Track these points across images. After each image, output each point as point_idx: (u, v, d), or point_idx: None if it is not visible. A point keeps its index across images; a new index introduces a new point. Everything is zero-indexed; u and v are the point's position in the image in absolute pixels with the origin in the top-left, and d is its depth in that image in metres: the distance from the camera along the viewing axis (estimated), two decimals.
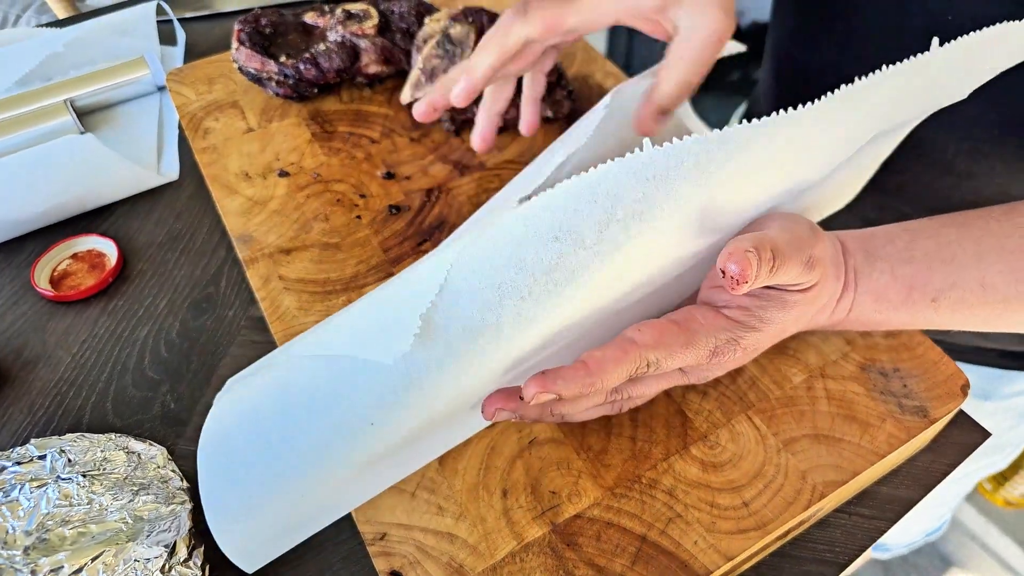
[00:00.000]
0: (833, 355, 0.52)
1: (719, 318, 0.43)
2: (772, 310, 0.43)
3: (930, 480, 0.52)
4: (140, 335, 0.61)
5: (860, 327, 0.49)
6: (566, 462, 0.47)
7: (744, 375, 0.51)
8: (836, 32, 0.63)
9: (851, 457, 0.47)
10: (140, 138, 0.76)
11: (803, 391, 0.50)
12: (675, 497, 0.46)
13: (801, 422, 0.49)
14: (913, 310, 0.47)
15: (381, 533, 0.45)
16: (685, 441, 0.48)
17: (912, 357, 0.52)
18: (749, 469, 0.47)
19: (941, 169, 0.60)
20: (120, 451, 0.48)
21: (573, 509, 0.45)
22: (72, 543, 0.43)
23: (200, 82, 0.75)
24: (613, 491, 0.46)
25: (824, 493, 0.46)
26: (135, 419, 0.56)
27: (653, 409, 0.49)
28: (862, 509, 0.50)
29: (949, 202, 0.52)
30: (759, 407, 0.49)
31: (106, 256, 0.66)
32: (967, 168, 0.59)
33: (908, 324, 0.49)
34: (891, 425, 0.49)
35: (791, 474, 0.46)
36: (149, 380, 0.58)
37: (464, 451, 0.48)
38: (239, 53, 0.67)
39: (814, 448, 0.48)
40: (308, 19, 0.70)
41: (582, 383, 0.39)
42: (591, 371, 0.39)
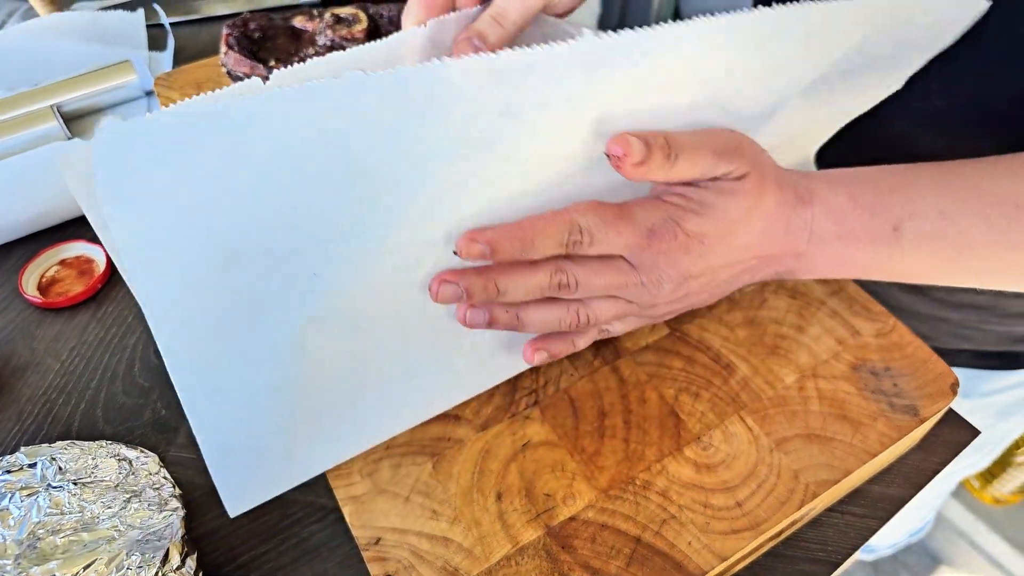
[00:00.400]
0: (824, 355, 0.52)
1: (657, 201, 0.44)
2: (710, 194, 0.43)
3: (921, 479, 0.52)
4: (130, 342, 0.61)
5: (827, 265, 0.48)
6: (560, 464, 0.47)
7: (736, 376, 0.51)
8: None
9: (843, 456, 0.47)
10: None
11: (795, 391, 0.50)
12: (669, 498, 0.46)
13: (793, 422, 0.49)
14: (876, 241, 0.47)
15: (376, 538, 0.44)
16: (678, 442, 0.48)
17: (903, 356, 0.52)
18: (742, 469, 0.47)
19: None
20: (111, 458, 0.48)
21: (568, 511, 0.45)
22: (64, 551, 0.43)
23: (188, 87, 0.74)
24: (607, 493, 0.46)
25: (817, 492, 0.46)
26: (126, 426, 0.56)
27: (646, 411, 0.49)
28: (854, 508, 0.51)
29: None
30: (751, 407, 0.50)
31: (95, 262, 0.66)
32: None
33: (875, 263, 0.48)
34: (882, 424, 0.49)
35: (784, 474, 0.47)
36: (139, 387, 0.58)
37: (458, 455, 0.48)
38: (228, 57, 0.67)
39: (806, 448, 0.48)
40: (297, 23, 0.70)
41: (513, 238, 0.40)
42: (523, 227, 0.41)
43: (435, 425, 0.49)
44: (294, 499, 0.51)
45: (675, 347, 0.53)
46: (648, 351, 0.52)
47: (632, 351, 0.52)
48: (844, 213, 0.47)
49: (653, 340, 0.53)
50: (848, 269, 0.49)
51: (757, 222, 0.45)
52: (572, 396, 0.50)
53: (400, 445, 0.48)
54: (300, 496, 0.52)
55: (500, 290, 0.43)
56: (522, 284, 0.43)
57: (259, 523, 0.51)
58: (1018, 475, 1.50)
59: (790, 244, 0.47)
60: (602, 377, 0.51)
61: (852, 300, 0.55)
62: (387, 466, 0.47)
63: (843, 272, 0.49)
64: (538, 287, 0.43)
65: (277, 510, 0.51)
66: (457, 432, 0.49)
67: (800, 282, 0.56)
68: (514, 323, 0.45)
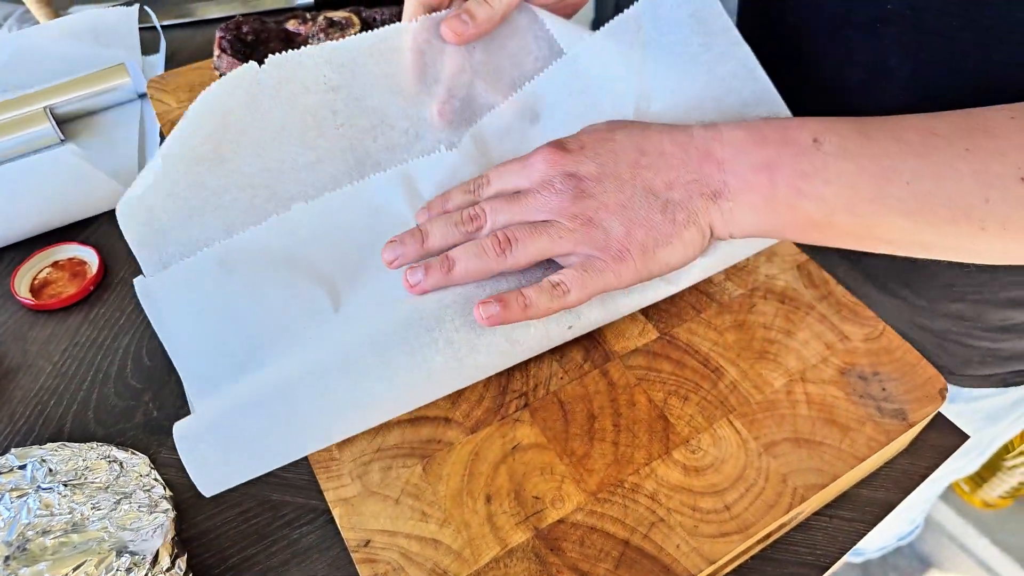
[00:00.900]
0: (813, 359, 0.52)
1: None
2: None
3: (909, 483, 0.53)
4: (122, 343, 0.61)
5: (752, 175, 0.47)
6: (549, 467, 0.48)
7: (725, 380, 0.51)
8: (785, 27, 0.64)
9: (831, 460, 0.48)
10: (121, 146, 0.75)
11: (783, 395, 0.51)
12: (657, 501, 0.46)
13: (782, 426, 0.49)
14: (793, 145, 0.46)
15: (365, 540, 0.45)
16: (667, 445, 0.48)
17: (891, 360, 0.52)
18: (731, 473, 0.47)
19: None
20: (102, 460, 0.48)
21: (556, 514, 0.46)
22: (53, 553, 0.43)
23: (181, 89, 0.75)
24: (596, 496, 0.46)
25: (805, 496, 0.46)
26: (117, 428, 0.56)
27: (635, 414, 0.50)
28: (842, 512, 0.51)
29: None
30: (740, 411, 0.50)
31: (87, 264, 0.66)
32: None
33: (802, 177, 0.46)
34: (870, 428, 0.49)
35: (772, 477, 0.47)
36: (131, 389, 0.58)
37: (448, 457, 0.48)
38: (220, 60, 0.67)
39: (795, 452, 0.48)
40: (290, 27, 0.70)
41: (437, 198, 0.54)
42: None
43: (425, 427, 0.49)
44: (285, 500, 0.52)
45: (664, 351, 0.53)
46: (637, 354, 0.53)
47: (621, 354, 0.53)
48: (754, 126, 0.48)
49: (642, 344, 0.53)
50: (777, 187, 0.46)
51: (644, 129, 0.50)
52: (562, 399, 0.51)
53: (390, 447, 0.48)
54: (291, 498, 0.52)
55: (424, 233, 0.51)
56: (440, 224, 0.51)
57: (250, 525, 0.51)
58: (1008, 479, 1.51)
59: (698, 144, 0.48)
60: (591, 380, 0.52)
61: (841, 305, 0.55)
62: (377, 468, 0.48)
63: (773, 196, 0.47)
64: (453, 224, 0.51)
65: (268, 512, 0.51)
66: (447, 434, 0.49)
67: (789, 286, 0.56)
68: (445, 268, 0.49)
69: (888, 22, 0.54)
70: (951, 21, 0.50)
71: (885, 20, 0.54)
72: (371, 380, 0.45)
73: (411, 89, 0.56)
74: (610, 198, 0.48)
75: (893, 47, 0.55)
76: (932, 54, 0.53)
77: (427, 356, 0.46)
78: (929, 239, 0.45)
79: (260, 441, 0.44)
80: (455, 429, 0.49)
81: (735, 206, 0.48)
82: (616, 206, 0.48)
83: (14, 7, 1.33)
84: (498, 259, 0.48)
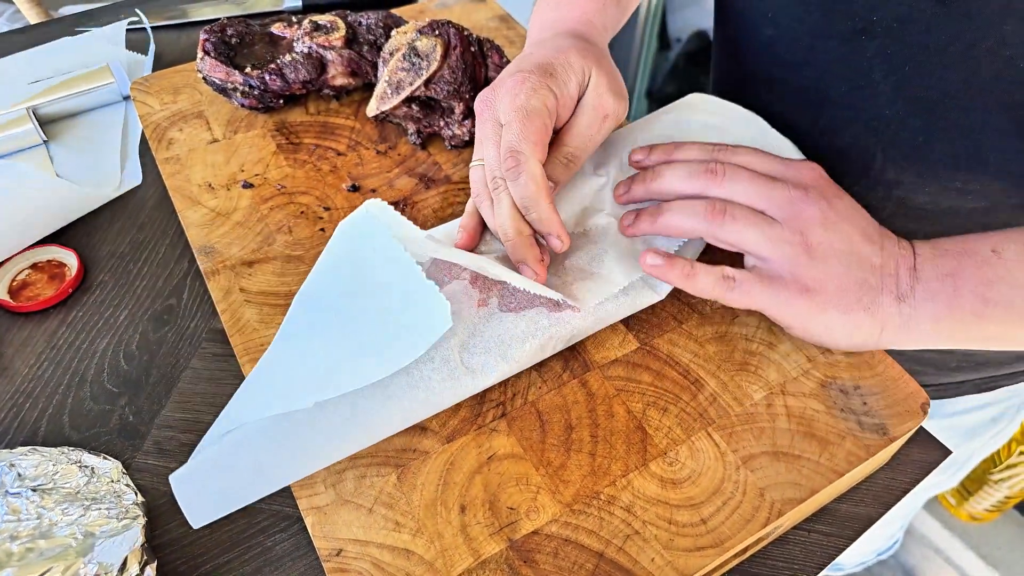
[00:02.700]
0: (794, 372, 0.52)
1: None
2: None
3: (890, 498, 0.52)
4: (99, 347, 0.60)
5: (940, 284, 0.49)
6: (525, 478, 0.47)
7: (705, 391, 0.51)
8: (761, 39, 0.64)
9: (810, 475, 0.47)
10: (103, 148, 0.75)
11: (763, 408, 0.50)
12: (633, 514, 0.46)
13: (761, 439, 0.49)
14: (975, 256, 0.48)
15: (337, 549, 0.44)
16: (644, 457, 0.48)
17: (873, 375, 0.52)
18: (708, 486, 0.47)
19: (871, 179, 0.61)
20: (73, 465, 0.47)
21: (531, 525, 0.45)
22: (20, 559, 0.42)
23: (165, 92, 0.74)
24: (571, 507, 0.46)
25: (782, 511, 0.46)
26: (92, 432, 0.55)
27: (613, 425, 0.49)
28: (821, 526, 0.51)
29: (879, 215, 0.53)
30: (719, 423, 0.50)
31: (66, 266, 0.65)
32: (895, 176, 0.59)
33: (986, 284, 0.47)
34: (850, 443, 0.49)
35: (749, 491, 0.47)
36: (108, 393, 0.58)
37: (423, 466, 0.47)
38: (204, 63, 0.67)
39: (773, 465, 0.48)
40: (275, 30, 0.70)
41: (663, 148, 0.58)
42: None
43: (401, 436, 0.49)
44: (259, 508, 0.51)
45: (644, 361, 0.53)
46: (617, 365, 0.52)
47: (601, 364, 0.52)
48: (933, 241, 0.50)
49: (622, 354, 0.53)
50: (961, 295, 0.48)
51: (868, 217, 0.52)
52: (540, 409, 0.50)
53: (365, 456, 0.48)
54: (265, 505, 0.51)
55: (655, 174, 0.54)
56: (674, 170, 0.53)
57: (223, 532, 0.50)
58: (994, 493, 1.51)
59: (899, 247, 0.50)
60: (570, 390, 0.51)
61: None
62: (351, 477, 0.47)
63: (958, 305, 0.48)
64: (687, 173, 0.53)
65: (242, 519, 0.51)
66: (423, 443, 0.49)
67: None
68: (655, 216, 0.52)
69: (872, 34, 0.53)
70: (938, 35, 0.50)
71: (869, 32, 0.53)
72: (366, 399, 0.45)
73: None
74: (836, 244, 0.50)
75: (876, 60, 0.54)
76: (917, 68, 0.52)
77: (424, 375, 0.46)
78: None
79: (254, 471, 0.43)
80: (431, 438, 0.49)
81: (914, 315, 0.49)
82: (835, 253, 0.49)
83: (5, 6, 1.33)
84: (707, 225, 0.50)
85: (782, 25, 0.60)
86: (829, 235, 0.49)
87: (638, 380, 0.52)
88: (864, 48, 0.54)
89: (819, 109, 0.60)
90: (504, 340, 0.49)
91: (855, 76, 0.56)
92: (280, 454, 0.44)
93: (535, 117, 0.50)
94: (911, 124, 0.55)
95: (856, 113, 0.58)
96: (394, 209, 0.45)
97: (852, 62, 0.56)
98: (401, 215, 0.45)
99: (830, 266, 0.49)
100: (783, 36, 0.60)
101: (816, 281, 0.49)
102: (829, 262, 0.49)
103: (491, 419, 0.50)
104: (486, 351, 0.48)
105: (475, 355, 0.48)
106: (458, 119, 0.67)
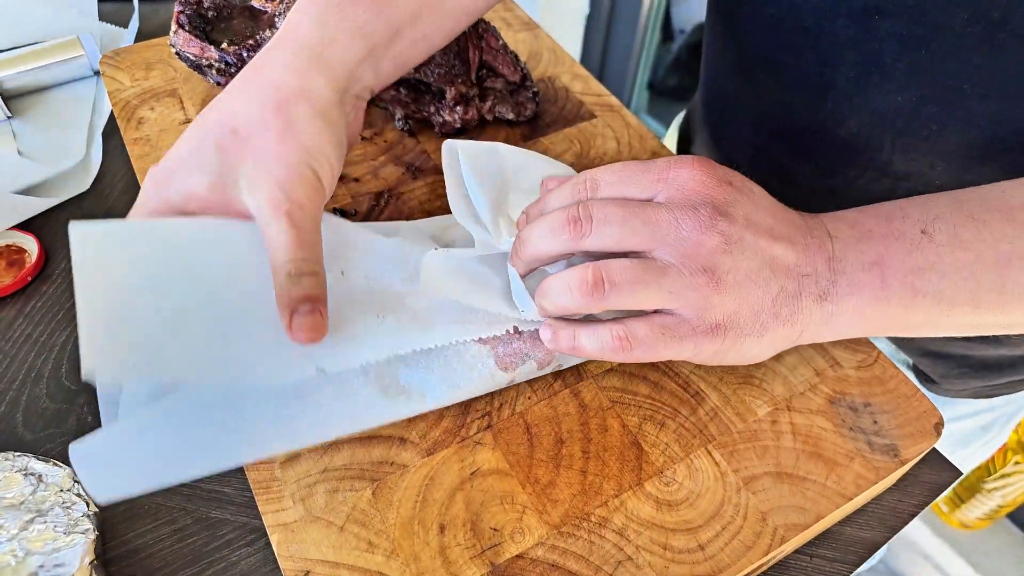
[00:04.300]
0: (801, 386, 0.49)
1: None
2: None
3: (897, 521, 0.49)
4: (59, 340, 0.56)
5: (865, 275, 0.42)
6: (510, 496, 0.44)
7: (705, 406, 0.48)
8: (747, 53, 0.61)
9: (815, 498, 0.44)
10: (70, 126, 0.71)
11: (768, 424, 0.47)
12: (626, 538, 0.42)
13: (764, 458, 0.45)
14: (903, 238, 0.42)
15: (304, 571, 0.40)
16: (639, 476, 0.45)
17: (884, 391, 0.49)
18: (706, 509, 0.43)
19: (876, 170, 0.57)
20: (17, 473, 0.43)
21: (515, 548, 0.42)
22: None
23: (137, 67, 0.70)
24: (559, 529, 0.42)
25: (785, 537, 0.42)
26: (47, 433, 0.51)
27: (607, 440, 0.46)
28: (824, 551, 0.47)
29: None
30: (720, 441, 0.46)
31: (26, 253, 0.61)
32: (904, 168, 0.55)
33: (915, 273, 0.42)
34: (859, 465, 0.45)
35: (751, 515, 0.43)
36: (66, 390, 0.54)
37: (400, 481, 0.44)
38: (177, 37, 0.63)
39: (776, 487, 0.44)
40: (255, 3, 0.66)
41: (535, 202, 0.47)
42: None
43: (378, 447, 0.45)
44: (224, 519, 0.48)
45: (642, 371, 0.49)
46: (613, 374, 0.49)
47: (595, 374, 0.49)
48: (853, 219, 0.44)
49: (618, 363, 0.49)
50: (889, 287, 0.42)
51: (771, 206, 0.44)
52: (528, 421, 0.47)
53: (338, 468, 0.44)
54: (231, 516, 0.48)
55: (520, 242, 0.45)
56: (536, 230, 0.44)
57: (184, 544, 0.47)
58: (987, 501, 1.49)
59: (813, 231, 0.43)
60: (561, 401, 0.48)
61: None
62: (322, 491, 0.43)
63: (884, 297, 0.43)
64: (550, 230, 0.43)
65: (205, 530, 0.47)
66: (401, 456, 0.45)
67: None
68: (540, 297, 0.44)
69: (885, 13, 0.49)
70: (958, 13, 0.46)
71: (881, 10, 0.49)
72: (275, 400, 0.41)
73: None
74: (745, 263, 0.41)
75: (889, 41, 0.50)
76: (934, 50, 0.48)
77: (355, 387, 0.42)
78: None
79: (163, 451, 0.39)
80: (410, 451, 0.45)
81: (836, 311, 0.43)
82: (746, 275, 0.41)
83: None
84: (590, 300, 0.41)
85: (785, 3, 0.56)
86: (736, 259, 0.41)
87: (634, 392, 0.48)
88: (876, 28, 0.50)
89: (824, 95, 0.57)
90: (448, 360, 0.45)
91: (865, 59, 0.52)
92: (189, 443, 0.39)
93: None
94: (925, 112, 0.51)
95: (865, 100, 0.54)
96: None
97: (862, 44, 0.52)
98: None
99: (743, 292, 0.41)
100: (787, 15, 0.56)
101: (728, 316, 0.42)
102: (741, 288, 0.41)
103: (475, 431, 0.46)
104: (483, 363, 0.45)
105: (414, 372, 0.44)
106: (449, 104, 0.64)
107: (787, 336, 0.43)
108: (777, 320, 0.42)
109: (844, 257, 0.43)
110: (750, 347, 0.43)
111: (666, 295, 0.41)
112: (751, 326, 0.42)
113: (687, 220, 0.41)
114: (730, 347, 0.42)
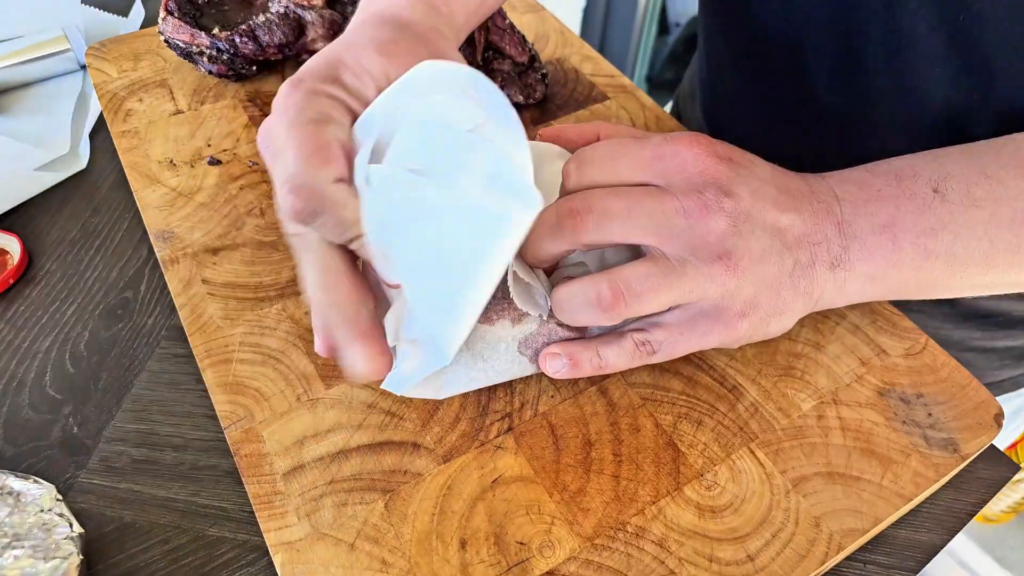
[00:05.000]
0: (846, 378, 0.45)
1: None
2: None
3: (954, 522, 0.45)
4: (42, 347, 0.53)
5: (875, 239, 0.40)
6: (537, 505, 0.40)
7: (744, 401, 0.44)
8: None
9: (872, 499, 0.40)
10: (56, 121, 0.67)
11: (813, 420, 0.43)
12: (667, 549, 0.38)
13: (812, 457, 0.42)
14: (915, 198, 0.40)
15: None
16: (677, 480, 0.41)
17: (936, 380, 0.45)
18: (753, 515, 0.39)
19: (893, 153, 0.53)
20: None
21: (545, 564, 0.38)
22: None
23: (125, 58, 0.66)
24: (593, 541, 0.38)
25: (842, 544, 0.38)
26: (30, 446, 0.47)
27: (639, 441, 0.42)
28: (878, 556, 0.43)
29: None
30: (763, 439, 0.42)
31: (8, 254, 0.57)
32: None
33: (928, 232, 0.40)
34: (916, 462, 0.41)
35: (803, 521, 0.39)
36: (50, 400, 0.50)
37: (415, 492, 0.40)
38: (166, 24, 0.59)
39: (828, 489, 0.40)
40: None
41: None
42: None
43: (390, 454, 0.41)
44: (223, 537, 0.44)
45: (673, 366, 0.45)
46: (642, 370, 0.45)
47: (623, 369, 0.45)
48: (862, 179, 0.42)
49: None
50: (902, 250, 0.40)
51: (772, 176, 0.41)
52: (552, 422, 0.43)
53: (347, 479, 0.40)
54: (230, 534, 0.44)
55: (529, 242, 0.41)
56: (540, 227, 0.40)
57: (179, 566, 0.43)
58: (1011, 494, 1.46)
59: (819, 195, 0.41)
60: (588, 400, 0.44)
61: (876, 314, 0.48)
62: (330, 504, 0.39)
63: (897, 260, 0.40)
64: (548, 227, 0.39)
65: (202, 550, 0.43)
66: (415, 463, 0.41)
67: None
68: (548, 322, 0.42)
69: None
70: None
71: None
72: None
73: None
74: (757, 243, 0.39)
75: (923, 10, 0.47)
76: (974, 17, 0.45)
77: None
78: None
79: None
80: (424, 457, 0.41)
81: (850, 276, 0.41)
82: (761, 253, 0.39)
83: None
84: (607, 315, 0.39)
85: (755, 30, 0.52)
86: (746, 239, 0.38)
87: (667, 388, 0.44)
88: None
89: (841, 79, 0.53)
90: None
91: (893, 33, 0.48)
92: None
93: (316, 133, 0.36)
94: (960, 89, 0.48)
95: (892, 79, 0.50)
96: None
97: (892, 14, 0.48)
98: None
99: (759, 272, 0.39)
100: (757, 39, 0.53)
101: (748, 302, 0.39)
102: (757, 268, 0.39)
103: (495, 434, 0.42)
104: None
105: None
106: None
107: (804, 307, 0.42)
108: (795, 293, 0.40)
109: (854, 221, 0.41)
110: (774, 327, 0.42)
111: (687, 293, 0.39)
112: (772, 306, 0.40)
113: (693, 206, 0.38)
114: (754, 333, 0.41)
